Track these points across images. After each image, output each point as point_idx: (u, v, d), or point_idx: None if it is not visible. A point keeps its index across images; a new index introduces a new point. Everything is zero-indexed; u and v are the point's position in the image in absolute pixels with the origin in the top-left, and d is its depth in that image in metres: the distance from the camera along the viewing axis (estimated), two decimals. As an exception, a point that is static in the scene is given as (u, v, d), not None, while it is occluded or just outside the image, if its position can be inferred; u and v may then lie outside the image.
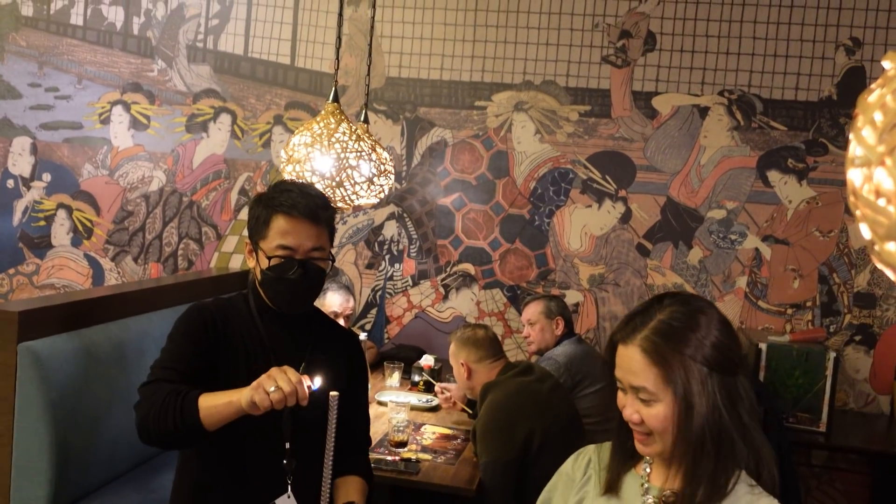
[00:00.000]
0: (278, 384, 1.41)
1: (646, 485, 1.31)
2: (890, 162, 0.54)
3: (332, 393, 1.40)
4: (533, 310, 3.34)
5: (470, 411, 2.97)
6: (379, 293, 4.12)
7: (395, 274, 4.10)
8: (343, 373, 1.75)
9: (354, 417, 1.87)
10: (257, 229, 1.72)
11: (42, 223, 4.41)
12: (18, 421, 2.37)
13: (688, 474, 1.23)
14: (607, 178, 3.87)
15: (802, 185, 3.71)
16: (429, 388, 3.31)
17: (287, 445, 1.66)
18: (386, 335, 4.10)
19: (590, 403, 3.05)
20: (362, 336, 3.25)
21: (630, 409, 1.25)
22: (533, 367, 2.69)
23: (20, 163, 4.43)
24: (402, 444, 2.62)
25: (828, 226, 3.69)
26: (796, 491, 2.85)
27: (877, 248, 0.58)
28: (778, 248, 3.74)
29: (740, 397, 1.23)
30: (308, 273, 1.69)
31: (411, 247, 4.08)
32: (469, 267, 4.03)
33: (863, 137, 0.57)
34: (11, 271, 4.42)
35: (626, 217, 3.86)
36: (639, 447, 1.28)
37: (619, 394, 1.29)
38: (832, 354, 3.22)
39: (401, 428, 2.63)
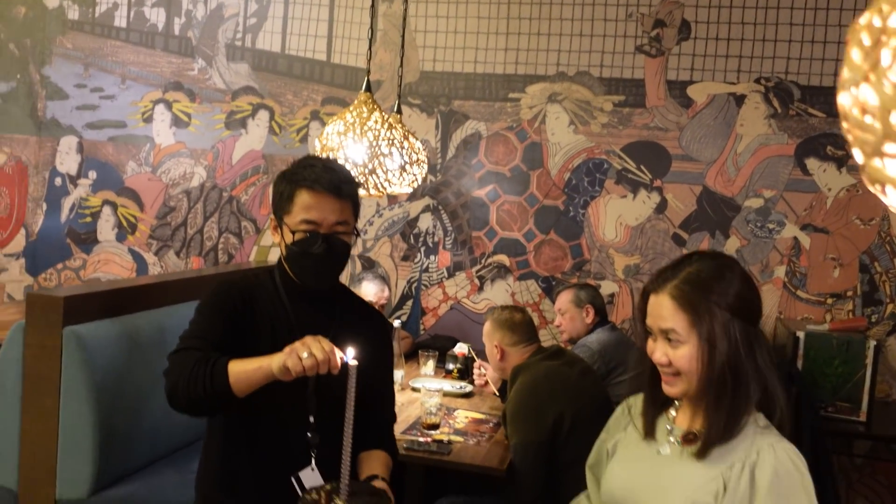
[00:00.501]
0: (312, 351, 1.44)
1: (670, 426, 1.45)
2: (874, 77, 0.55)
3: (350, 362, 1.41)
4: (563, 299, 3.36)
5: (499, 395, 2.99)
6: (415, 285, 4.15)
7: (430, 266, 4.13)
8: (369, 350, 1.77)
9: (379, 394, 1.87)
10: (281, 205, 1.73)
11: (88, 219, 4.54)
12: (64, 401, 2.46)
13: (708, 412, 1.36)
14: (642, 168, 3.86)
15: (842, 173, 3.65)
16: (462, 375, 3.33)
17: (311, 419, 1.68)
18: (422, 326, 4.14)
19: (623, 391, 3.03)
20: (396, 324, 3.29)
21: (659, 352, 1.38)
22: (564, 352, 2.69)
23: (67, 161, 4.57)
24: (435, 427, 2.65)
25: (868, 214, 3.63)
26: (830, 477, 2.81)
27: (867, 167, 0.59)
28: (817, 236, 3.69)
29: (759, 343, 1.36)
30: (332, 247, 1.70)
31: (446, 239, 4.11)
32: (504, 258, 4.04)
33: (851, 59, 0.58)
34: (59, 266, 4.56)
35: (661, 207, 3.84)
36: (665, 388, 1.41)
37: (649, 341, 1.42)
38: (872, 343, 3.16)
39: (433, 411, 2.66)
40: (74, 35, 4.57)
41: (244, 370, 1.53)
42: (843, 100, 0.61)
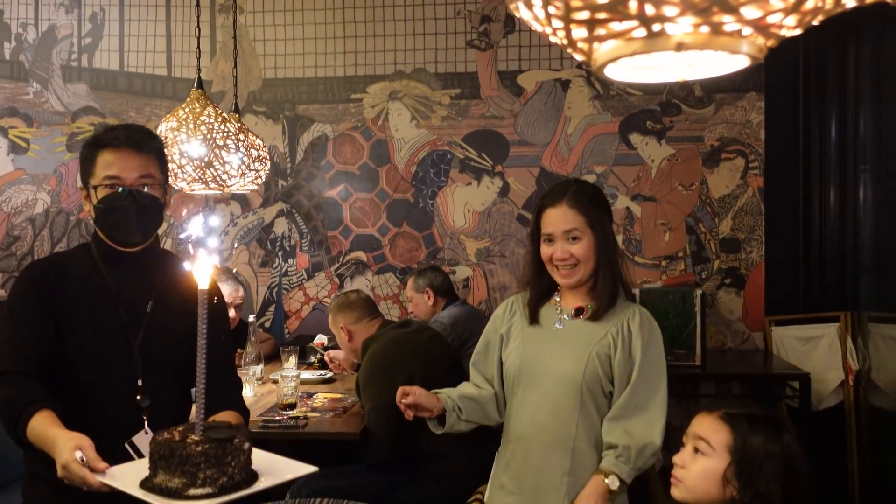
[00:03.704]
0: (74, 482, 1.40)
1: (559, 309, 1.85)
2: None
3: (200, 287, 1.35)
4: (407, 287, 3.56)
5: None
6: (275, 290, 4.18)
7: (289, 269, 4.17)
8: (195, 313, 1.75)
9: (216, 357, 1.87)
10: (86, 170, 1.73)
11: (-75, 258, 4.32)
12: None
13: (596, 288, 1.80)
14: (483, 155, 4.05)
15: (662, 145, 3.96)
16: (323, 365, 3.39)
17: (139, 382, 1.69)
18: (286, 330, 4.16)
19: (477, 359, 3.18)
20: (251, 319, 3.30)
21: (560, 249, 1.77)
22: (411, 322, 2.80)
23: None
24: (291, 407, 2.69)
25: (689, 179, 3.95)
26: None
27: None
28: (647, 205, 3.98)
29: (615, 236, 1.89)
30: (139, 200, 1.69)
31: (303, 241, 4.17)
32: (361, 254, 4.13)
33: None
34: None
35: (504, 191, 4.04)
36: (563, 280, 1.80)
37: (544, 246, 1.80)
38: (699, 292, 3.44)
39: (289, 393, 2.70)
40: None
41: (40, 437, 1.52)
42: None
